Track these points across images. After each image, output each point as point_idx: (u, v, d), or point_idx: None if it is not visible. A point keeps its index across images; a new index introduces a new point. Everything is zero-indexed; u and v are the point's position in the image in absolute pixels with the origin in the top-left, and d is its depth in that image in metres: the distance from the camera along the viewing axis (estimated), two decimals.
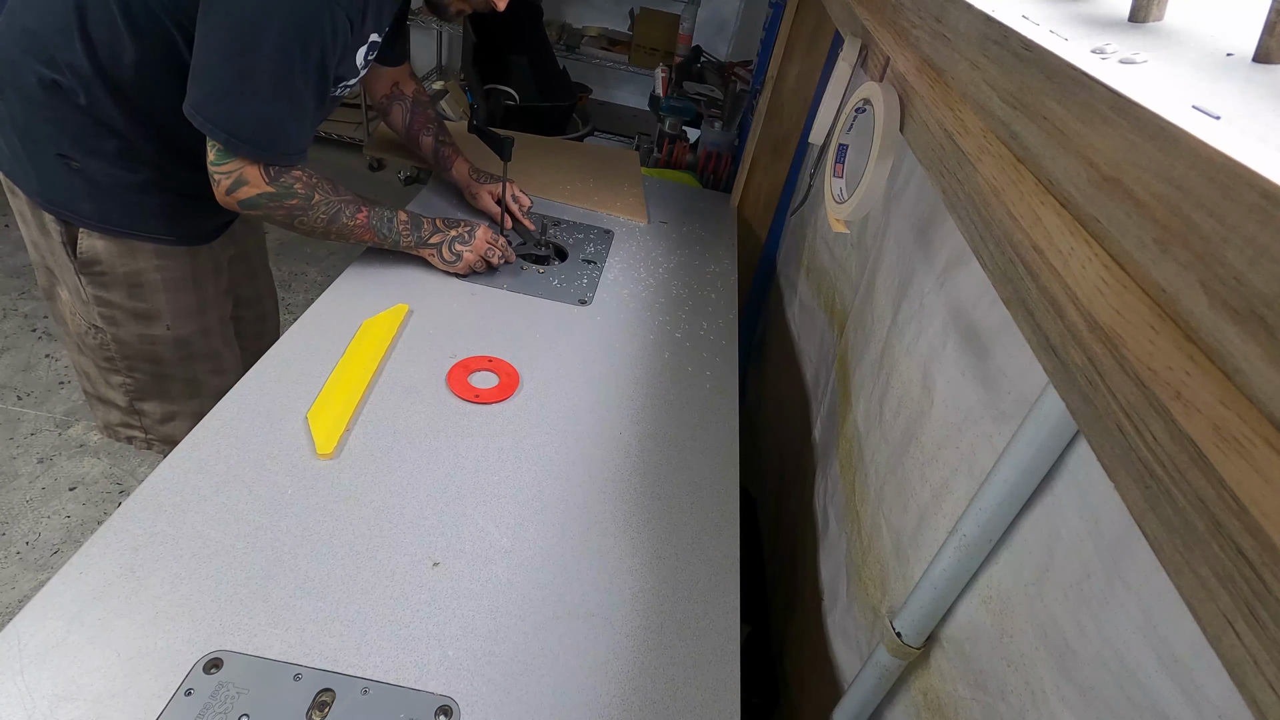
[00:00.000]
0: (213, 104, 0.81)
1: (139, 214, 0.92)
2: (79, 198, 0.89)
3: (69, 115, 0.85)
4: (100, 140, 0.87)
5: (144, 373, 1.04)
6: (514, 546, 0.69)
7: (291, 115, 0.84)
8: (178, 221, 0.96)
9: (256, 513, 0.67)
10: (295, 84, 0.82)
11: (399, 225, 1.01)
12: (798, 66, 1.33)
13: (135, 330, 0.99)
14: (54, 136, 0.86)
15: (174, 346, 1.03)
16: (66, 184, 0.88)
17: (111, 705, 0.51)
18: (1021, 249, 0.32)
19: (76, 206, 0.89)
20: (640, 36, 3.45)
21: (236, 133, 0.82)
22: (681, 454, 0.83)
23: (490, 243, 1.05)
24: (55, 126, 0.86)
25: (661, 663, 0.61)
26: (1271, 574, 0.17)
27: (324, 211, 0.93)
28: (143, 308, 0.98)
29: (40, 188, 0.89)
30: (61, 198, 0.89)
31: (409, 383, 0.85)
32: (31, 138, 0.87)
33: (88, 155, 0.87)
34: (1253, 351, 0.18)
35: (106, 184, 0.89)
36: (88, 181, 0.88)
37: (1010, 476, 0.47)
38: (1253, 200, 0.18)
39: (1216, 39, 0.32)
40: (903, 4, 0.55)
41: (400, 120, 1.23)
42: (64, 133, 0.86)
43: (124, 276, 0.95)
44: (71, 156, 0.87)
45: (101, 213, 0.90)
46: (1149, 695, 0.36)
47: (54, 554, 1.46)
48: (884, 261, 0.86)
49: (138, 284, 0.96)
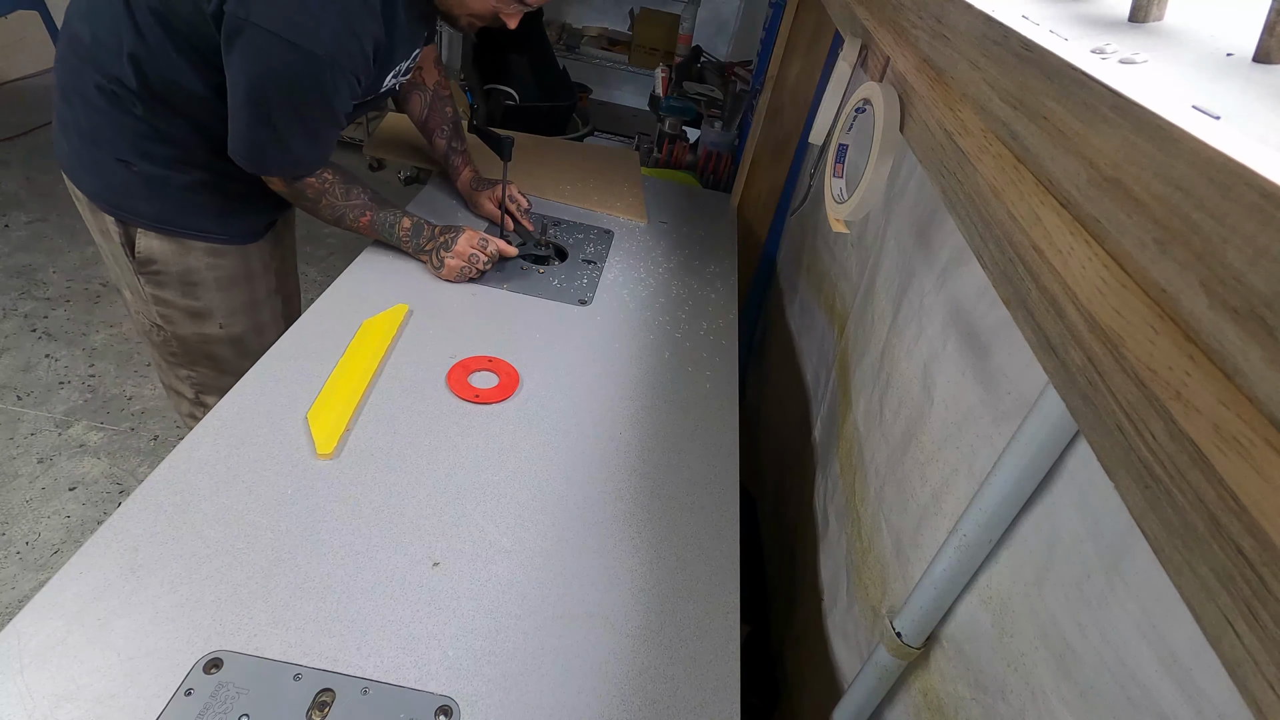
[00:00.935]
0: (242, 147, 0.88)
1: (192, 213, 0.97)
2: (137, 198, 0.93)
3: (127, 123, 0.89)
4: (156, 146, 0.91)
5: (204, 369, 1.09)
6: (514, 546, 0.69)
7: (309, 144, 0.91)
8: (228, 221, 1.00)
9: (256, 513, 0.67)
10: (311, 123, 0.88)
11: (400, 232, 1.04)
12: (798, 66, 1.33)
13: (191, 329, 1.04)
14: (113, 141, 0.90)
15: (229, 345, 1.06)
16: (125, 186, 0.92)
17: (111, 705, 0.51)
18: (1021, 249, 0.31)
19: (134, 207, 0.94)
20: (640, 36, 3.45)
21: (264, 168, 0.92)
22: (681, 454, 0.83)
23: (475, 248, 1.04)
24: (115, 133, 0.90)
25: (661, 663, 0.61)
26: (1271, 574, 0.17)
27: (329, 214, 0.99)
28: (196, 306, 1.02)
29: (100, 189, 0.93)
30: (120, 199, 0.93)
31: (409, 383, 0.85)
32: (93, 141, 0.91)
33: (144, 160, 0.91)
34: (1253, 351, 0.18)
35: (162, 185, 0.93)
36: (145, 183, 0.92)
37: (1010, 476, 0.47)
38: (1253, 200, 0.18)
39: (1216, 39, 0.32)
40: (903, 4, 0.55)
41: (417, 112, 1.23)
42: (122, 138, 0.90)
43: (178, 275, 0.99)
44: (130, 161, 0.91)
45: (157, 213, 0.94)
46: (1149, 695, 0.36)
47: (54, 554, 1.46)
48: (884, 261, 0.86)
49: (191, 283, 1.00)
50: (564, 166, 1.46)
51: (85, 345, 1.96)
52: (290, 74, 0.81)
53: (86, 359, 1.92)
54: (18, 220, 2.39)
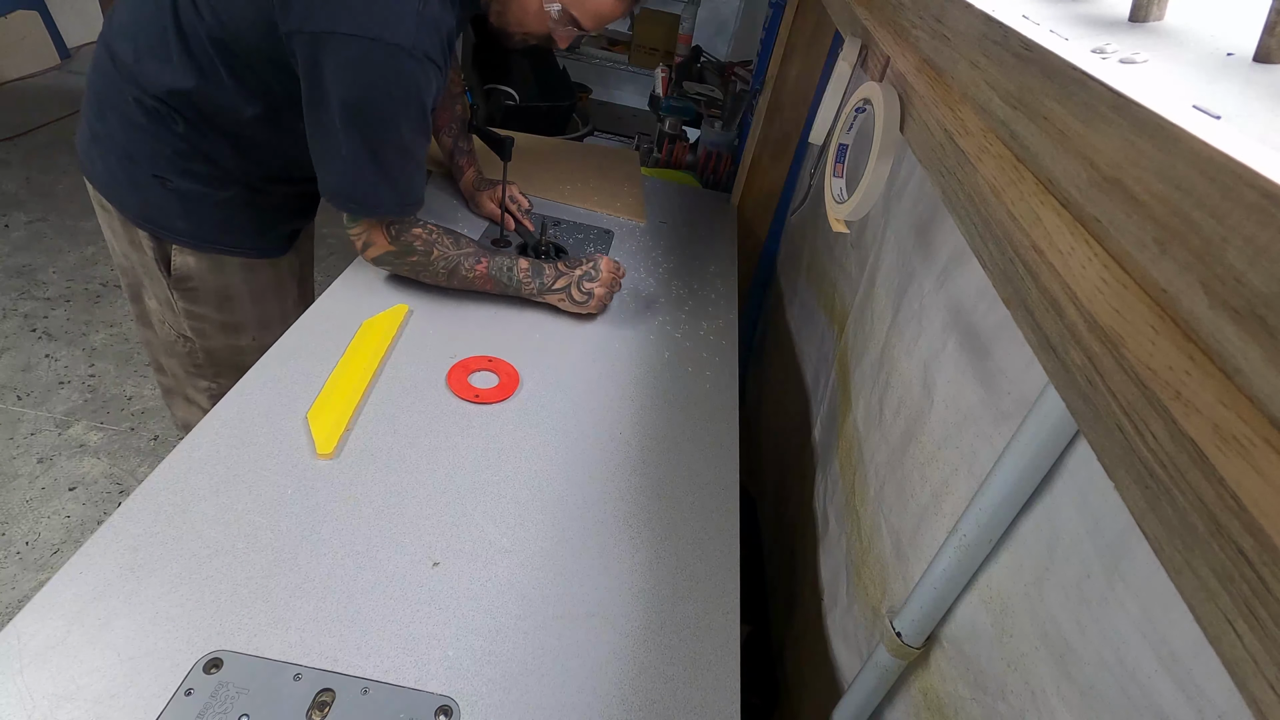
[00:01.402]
0: (347, 187, 0.85)
1: (227, 229, 0.96)
2: (174, 216, 0.93)
3: (165, 139, 0.88)
4: (194, 163, 0.91)
5: (229, 379, 1.07)
6: (514, 546, 0.69)
7: (413, 173, 0.88)
8: (263, 234, 1.01)
9: (256, 513, 0.67)
10: (412, 147, 0.85)
11: (519, 274, 0.99)
12: (798, 66, 1.33)
13: (223, 341, 1.04)
14: (151, 158, 0.90)
15: (258, 355, 1.05)
16: (162, 203, 0.92)
17: (111, 705, 0.51)
18: (1021, 249, 0.31)
19: (171, 224, 0.93)
20: (640, 36, 3.45)
21: (375, 209, 0.89)
22: (681, 454, 0.83)
23: (613, 272, 1.02)
24: (152, 149, 0.89)
25: (661, 663, 0.61)
26: (1271, 574, 0.17)
27: (443, 266, 0.95)
28: (231, 320, 1.02)
29: (136, 205, 0.93)
30: (156, 215, 0.93)
31: (409, 383, 0.85)
32: (130, 158, 0.90)
33: (181, 176, 0.91)
34: (1253, 351, 0.18)
35: (198, 201, 0.93)
36: (181, 200, 0.92)
37: (1010, 476, 0.47)
38: (1253, 200, 0.18)
39: (1217, 39, 0.32)
40: (903, 4, 0.55)
41: None
42: (160, 155, 0.89)
43: (215, 291, 0.99)
44: (167, 178, 0.90)
45: (193, 229, 0.94)
46: (1149, 695, 0.36)
47: (54, 554, 1.46)
48: (884, 261, 0.86)
49: (227, 297, 1.01)
50: (564, 166, 1.46)
51: (85, 345, 1.96)
52: (384, 72, 0.78)
53: (86, 359, 1.92)
54: (18, 220, 2.39)
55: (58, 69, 3.43)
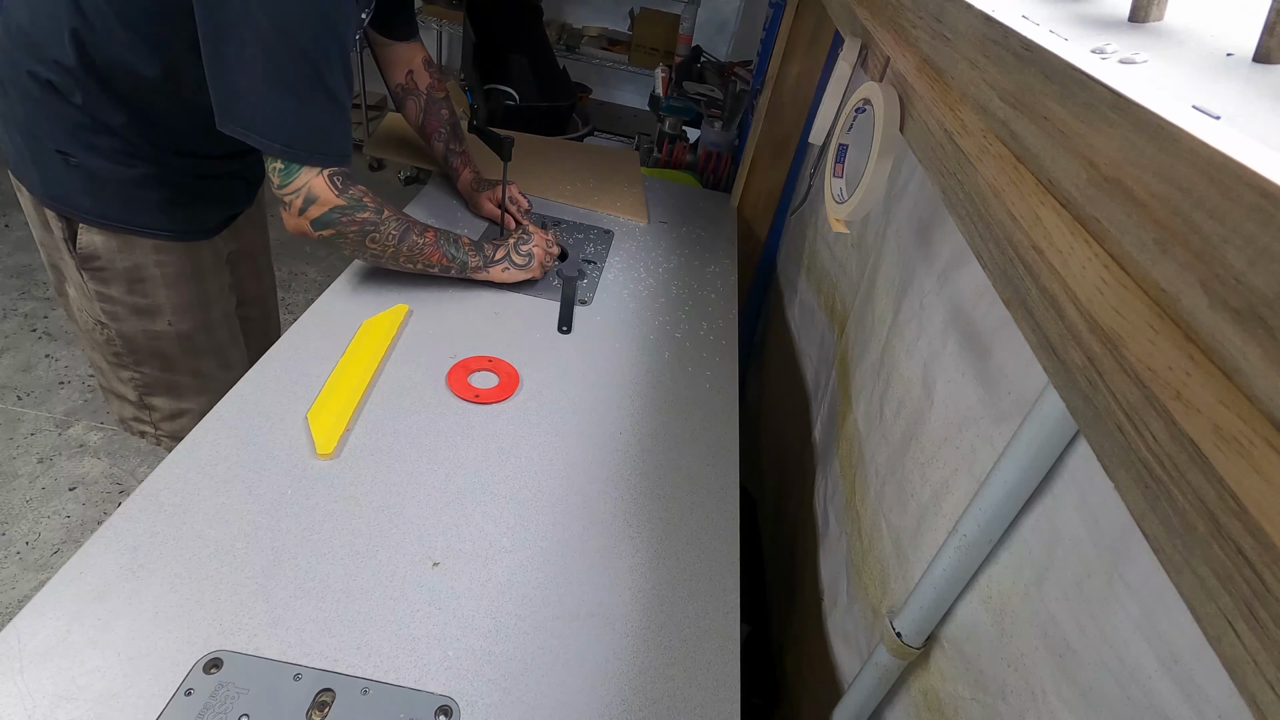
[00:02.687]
0: (260, 117, 0.78)
1: (137, 209, 0.92)
2: (78, 193, 0.89)
3: (65, 113, 0.85)
4: (97, 137, 0.87)
5: (151, 367, 1.05)
6: (514, 546, 0.69)
7: (334, 113, 0.82)
8: (176, 216, 0.96)
9: (256, 513, 0.67)
10: (329, 80, 0.80)
11: (465, 246, 0.99)
12: (798, 66, 1.33)
13: (137, 325, 1.00)
14: (52, 134, 0.86)
15: (176, 342, 1.03)
16: (66, 180, 0.88)
17: (111, 705, 0.51)
18: (1021, 249, 0.31)
19: (76, 201, 0.90)
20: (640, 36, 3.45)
21: (292, 141, 0.80)
22: (681, 454, 0.83)
23: (542, 233, 1.05)
24: (53, 124, 0.86)
25: (661, 663, 0.61)
26: (1271, 574, 0.17)
27: (395, 228, 0.90)
28: (143, 303, 0.98)
29: (41, 184, 0.90)
30: (61, 193, 0.90)
31: (409, 383, 0.85)
32: (32, 134, 0.87)
33: (85, 152, 0.87)
34: (1253, 351, 0.18)
35: (104, 179, 0.89)
36: (86, 177, 0.88)
37: (1010, 476, 0.47)
38: (1253, 200, 0.18)
39: (1216, 39, 0.32)
40: (903, 4, 0.55)
41: (414, 117, 1.21)
42: (61, 130, 0.86)
43: (123, 271, 0.95)
44: (70, 153, 0.87)
45: (100, 208, 0.90)
46: (1149, 695, 0.36)
47: (54, 554, 1.46)
48: (884, 261, 0.86)
49: (138, 279, 0.96)
50: (564, 166, 1.46)
51: None
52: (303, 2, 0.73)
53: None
54: (18, 220, 2.39)
55: None
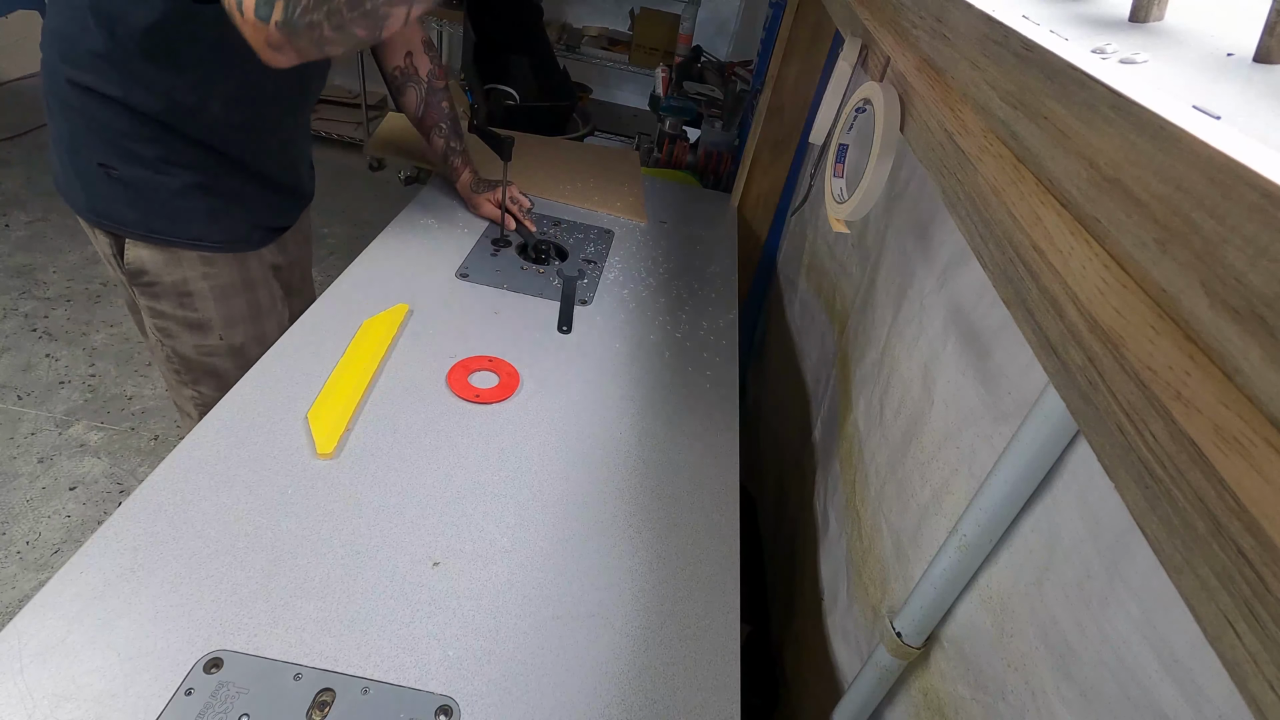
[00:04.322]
0: None
1: (181, 220, 0.92)
2: (122, 206, 0.89)
3: (105, 120, 0.85)
4: (137, 145, 0.87)
5: (208, 386, 1.04)
6: (514, 546, 0.69)
7: None
8: (221, 227, 0.95)
9: (257, 512, 0.67)
10: None
11: None
12: (798, 66, 1.33)
13: (190, 341, 1.00)
14: (93, 145, 0.86)
15: (230, 357, 1.02)
16: (109, 193, 0.89)
17: (112, 705, 0.51)
18: (1022, 249, 0.31)
19: (120, 215, 0.90)
20: (640, 36, 3.45)
21: None
22: (681, 454, 0.83)
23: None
24: (93, 135, 0.86)
25: (661, 663, 0.61)
26: (1272, 574, 0.17)
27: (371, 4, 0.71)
28: (194, 317, 0.98)
29: (86, 201, 0.90)
30: (105, 208, 0.90)
31: (409, 383, 0.85)
32: (74, 149, 0.88)
33: (126, 162, 0.87)
34: (1253, 351, 0.18)
35: (147, 190, 0.89)
36: (129, 189, 0.88)
37: (1010, 476, 0.47)
38: (1253, 200, 0.18)
39: (1217, 39, 0.32)
40: (903, 4, 0.55)
41: (413, 108, 1.17)
42: (102, 141, 0.86)
43: (171, 286, 0.95)
44: (110, 165, 0.87)
45: (144, 221, 0.90)
46: (1149, 695, 0.36)
47: (54, 554, 1.46)
48: (884, 261, 0.86)
49: (186, 293, 0.96)
50: (564, 166, 1.46)
51: (85, 345, 1.96)
52: None
53: (87, 359, 1.92)
54: (18, 220, 2.39)
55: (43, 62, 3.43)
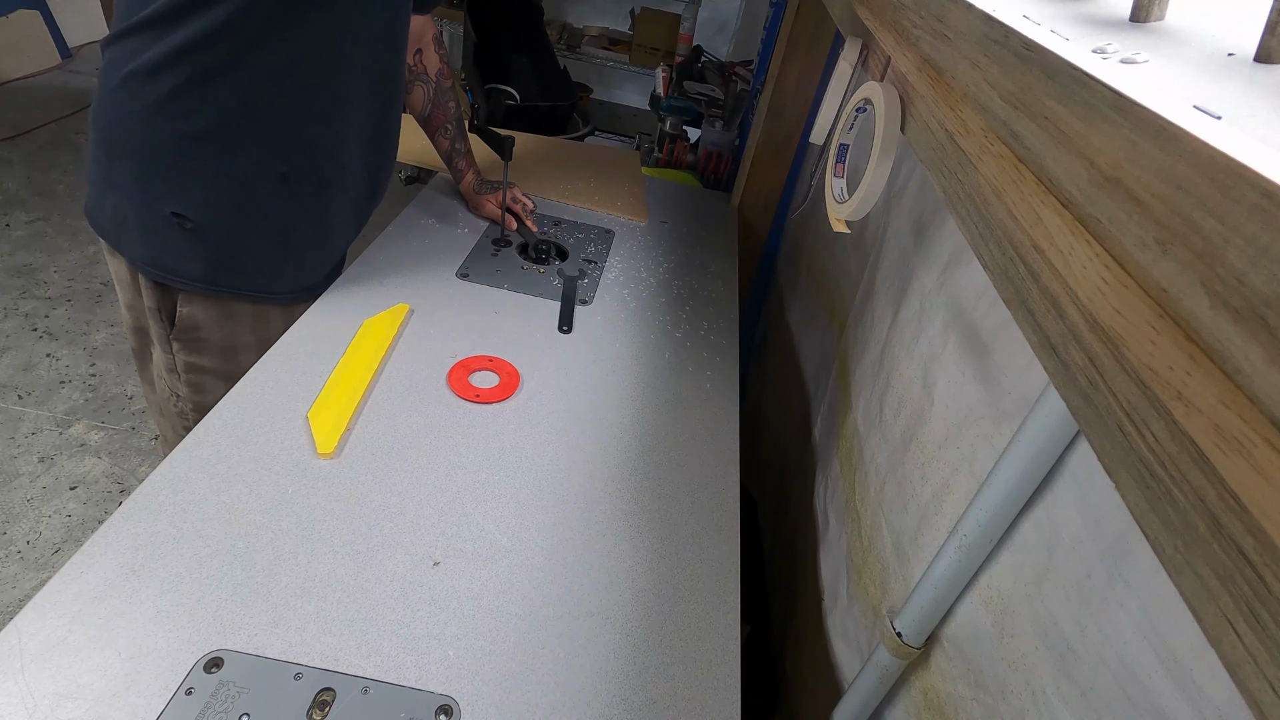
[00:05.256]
0: None
1: (248, 271, 0.89)
2: (188, 260, 0.86)
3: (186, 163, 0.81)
4: (218, 195, 0.83)
5: None
6: (514, 546, 0.69)
7: None
8: (285, 276, 0.93)
9: (257, 512, 0.67)
10: None
11: None
12: (798, 66, 1.33)
13: (221, 393, 0.94)
14: (168, 195, 0.82)
15: None
16: (177, 246, 0.85)
17: (112, 704, 0.51)
18: (1022, 249, 0.31)
19: (184, 270, 0.86)
20: (641, 36, 3.45)
21: None
22: (681, 454, 0.83)
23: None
24: (170, 183, 0.82)
25: (661, 663, 0.61)
26: (1272, 574, 0.17)
27: None
28: (234, 371, 0.93)
29: (145, 251, 0.85)
30: (169, 261, 0.86)
31: (409, 383, 0.85)
32: (145, 196, 0.83)
33: (203, 213, 0.83)
34: (1254, 351, 0.18)
35: (220, 241, 0.85)
36: (200, 240, 0.85)
37: (1010, 476, 0.47)
38: (1254, 200, 0.18)
39: (1218, 39, 0.32)
40: (904, 4, 0.55)
41: (420, 106, 1.16)
42: (179, 186, 0.82)
43: (220, 340, 0.92)
44: (186, 215, 0.83)
45: (210, 275, 0.87)
46: (1149, 695, 0.36)
47: (55, 553, 1.46)
48: (884, 261, 0.86)
49: (231, 346, 0.93)
50: (564, 166, 1.46)
51: (86, 345, 1.96)
52: None
53: (87, 358, 1.92)
54: (18, 220, 2.39)
55: (59, 69, 3.44)
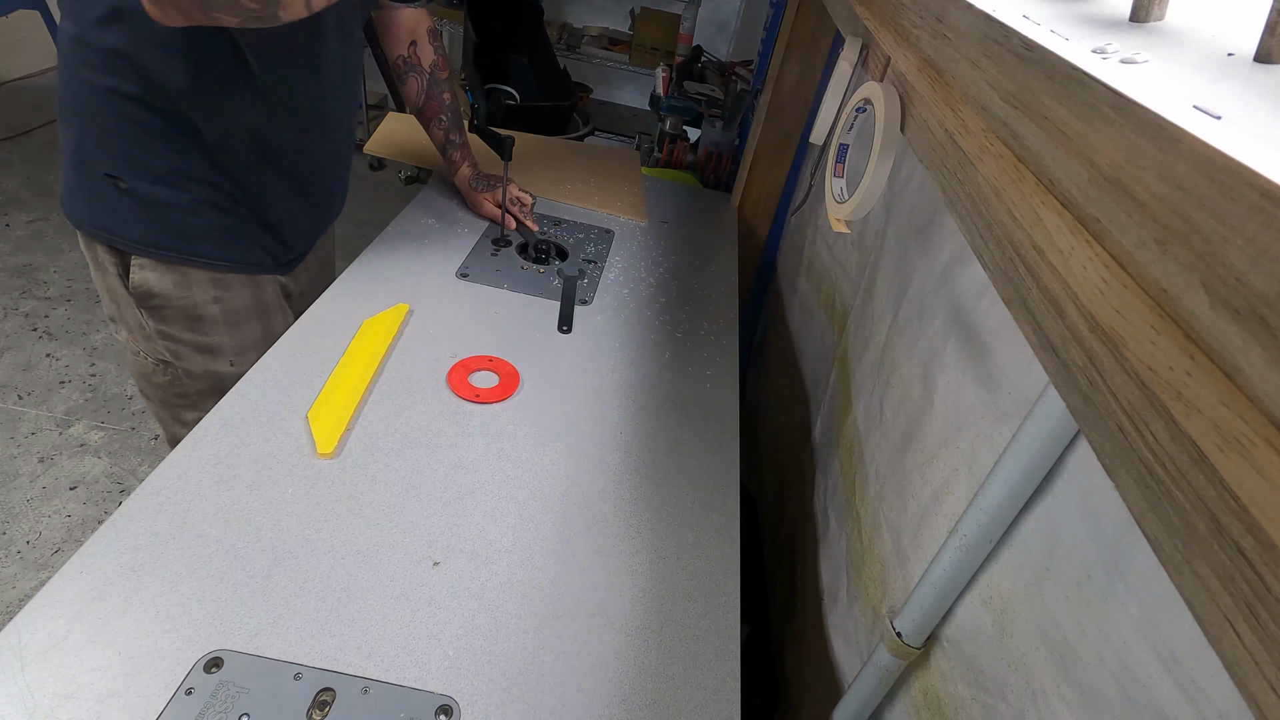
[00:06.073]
0: None
1: (192, 237, 0.87)
2: (130, 222, 0.85)
3: (118, 124, 0.81)
4: (150, 155, 0.83)
5: None
6: (514, 546, 0.69)
7: None
8: (233, 246, 0.91)
9: (257, 512, 0.67)
10: None
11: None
12: (798, 66, 1.33)
13: (202, 365, 0.96)
14: (103, 155, 0.82)
15: None
16: (117, 207, 0.84)
17: (112, 704, 0.51)
18: (1022, 249, 0.32)
19: (127, 231, 0.85)
20: (640, 36, 3.45)
21: None
22: (681, 454, 0.83)
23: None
24: (104, 143, 0.82)
25: (662, 662, 0.61)
26: (1272, 574, 0.17)
27: None
28: (204, 341, 0.94)
29: (90, 215, 0.85)
30: (112, 223, 0.85)
31: (409, 383, 0.85)
32: (81, 159, 0.83)
33: (137, 174, 0.83)
34: (1253, 351, 0.18)
35: (157, 204, 0.85)
36: (137, 203, 0.84)
37: (1010, 476, 0.47)
38: (1253, 200, 0.18)
39: (1217, 39, 0.32)
40: (903, 4, 0.55)
41: (414, 98, 1.15)
42: (112, 148, 0.82)
43: (181, 310, 0.91)
44: (120, 176, 0.83)
45: (153, 237, 0.86)
46: (1149, 695, 0.36)
47: (55, 553, 1.46)
48: (884, 261, 0.86)
49: (196, 317, 0.91)
50: (564, 166, 1.46)
51: (86, 345, 1.96)
52: None
53: (87, 358, 1.92)
54: (18, 220, 2.39)
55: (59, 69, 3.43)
